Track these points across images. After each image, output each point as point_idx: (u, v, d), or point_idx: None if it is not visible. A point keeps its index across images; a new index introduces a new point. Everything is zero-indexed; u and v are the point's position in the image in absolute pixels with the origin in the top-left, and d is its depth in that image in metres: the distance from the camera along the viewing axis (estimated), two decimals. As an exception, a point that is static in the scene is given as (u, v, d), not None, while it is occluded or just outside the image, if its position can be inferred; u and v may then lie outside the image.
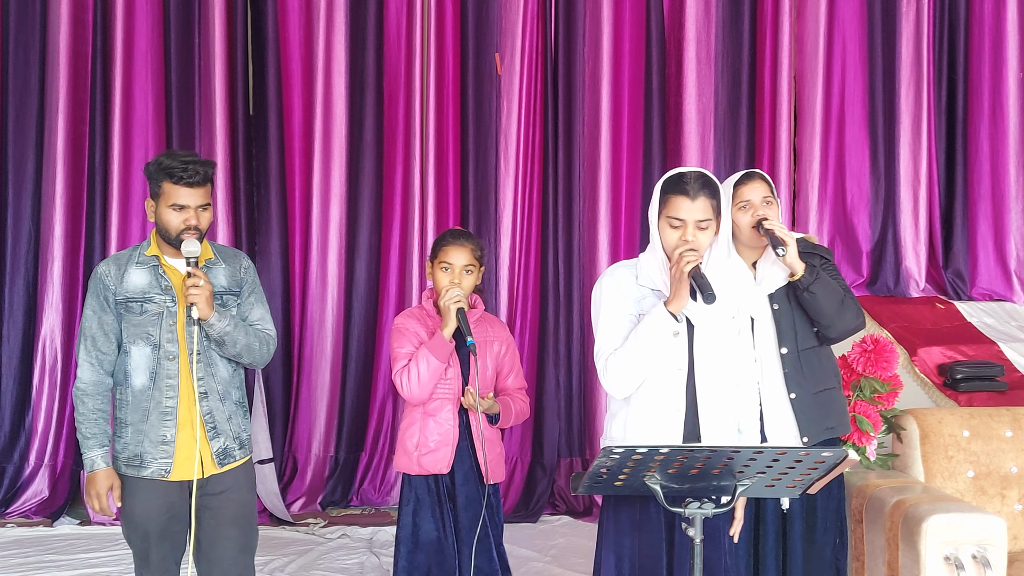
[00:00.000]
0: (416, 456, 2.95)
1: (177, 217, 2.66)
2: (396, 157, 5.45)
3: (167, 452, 2.68)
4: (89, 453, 2.72)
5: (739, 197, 2.87)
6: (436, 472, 2.94)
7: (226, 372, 2.77)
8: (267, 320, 2.87)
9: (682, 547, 2.44)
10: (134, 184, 5.29)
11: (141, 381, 2.70)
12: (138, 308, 2.69)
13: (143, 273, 2.72)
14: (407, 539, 2.97)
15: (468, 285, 2.96)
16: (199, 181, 2.65)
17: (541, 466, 5.33)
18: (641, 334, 2.41)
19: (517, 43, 5.45)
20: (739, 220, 2.86)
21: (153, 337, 2.69)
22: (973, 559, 2.78)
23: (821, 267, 2.89)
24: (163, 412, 2.68)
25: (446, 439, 2.95)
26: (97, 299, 2.72)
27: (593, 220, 5.49)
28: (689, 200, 2.40)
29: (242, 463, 2.81)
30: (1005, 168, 5.60)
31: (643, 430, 2.46)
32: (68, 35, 5.25)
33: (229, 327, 2.68)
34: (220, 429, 2.73)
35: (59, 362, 5.24)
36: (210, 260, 2.78)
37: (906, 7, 5.59)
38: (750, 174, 2.92)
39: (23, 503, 5.07)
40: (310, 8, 5.41)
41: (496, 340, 3.07)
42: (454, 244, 2.98)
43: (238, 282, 2.82)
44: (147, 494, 2.70)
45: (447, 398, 2.96)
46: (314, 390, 5.34)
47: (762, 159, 5.56)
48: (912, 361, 4.73)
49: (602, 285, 2.57)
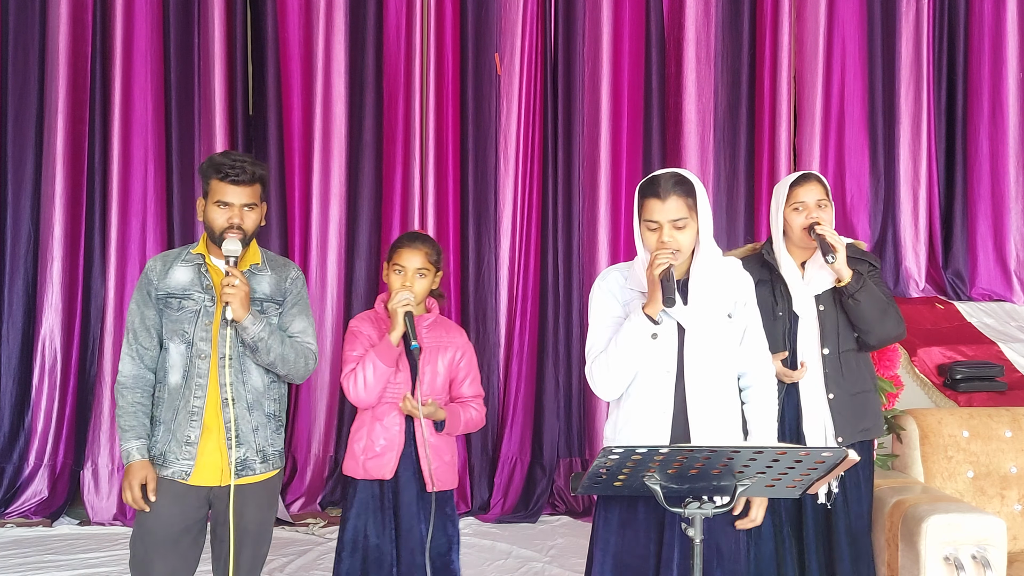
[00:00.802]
0: (362, 460, 2.90)
1: (222, 215, 2.65)
2: (396, 157, 5.45)
3: (190, 453, 2.64)
4: (125, 444, 2.67)
5: (793, 198, 2.93)
6: (380, 477, 2.89)
7: (260, 382, 2.72)
8: (309, 334, 2.81)
9: (670, 546, 2.45)
10: (133, 184, 5.29)
11: (175, 379, 2.67)
12: (177, 304, 2.67)
13: (187, 270, 2.71)
14: (349, 543, 2.91)
15: (420, 289, 2.91)
16: (246, 180, 2.65)
17: (540, 466, 5.33)
18: (620, 337, 2.43)
19: (517, 43, 5.45)
20: (792, 221, 2.93)
21: (188, 335, 2.66)
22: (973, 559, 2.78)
23: (868, 275, 2.95)
24: (191, 412, 2.65)
25: (392, 444, 2.89)
26: (141, 293, 2.72)
27: (593, 220, 5.50)
28: (660, 201, 2.41)
29: (263, 478, 2.74)
30: (1005, 168, 5.61)
31: (631, 432, 2.48)
32: (67, 35, 5.25)
33: (264, 333, 2.63)
34: (243, 439, 2.67)
35: (58, 362, 5.23)
36: (256, 265, 2.75)
37: (906, 7, 5.59)
38: (807, 175, 2.97)
39: (22, 503, 5.06)
40: (310, 8, 5.41)
41: (451, 346, 3.01)
42: (408, 247, 2.94)
43: (282, 291, 2.78)
44: (165, 496, 2.65)
45: (394, 402, 2.90)
46: (313, 390, 5.34)
47: (762, 159, 5.56)
48: (912, 361, 4.73)
49: (594, 289, 2.61)
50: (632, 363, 2.44)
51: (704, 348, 2.48)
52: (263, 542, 2.83)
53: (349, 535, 2.92)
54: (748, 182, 5.57)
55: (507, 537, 4.82)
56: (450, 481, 2.98)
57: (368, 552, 2.89)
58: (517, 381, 5.38)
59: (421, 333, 2.92)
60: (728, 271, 2.56)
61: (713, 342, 2.49)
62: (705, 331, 2.48)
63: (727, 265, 2.58)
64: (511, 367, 5.39)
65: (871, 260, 3.05)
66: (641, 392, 2.49)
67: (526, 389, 5.40)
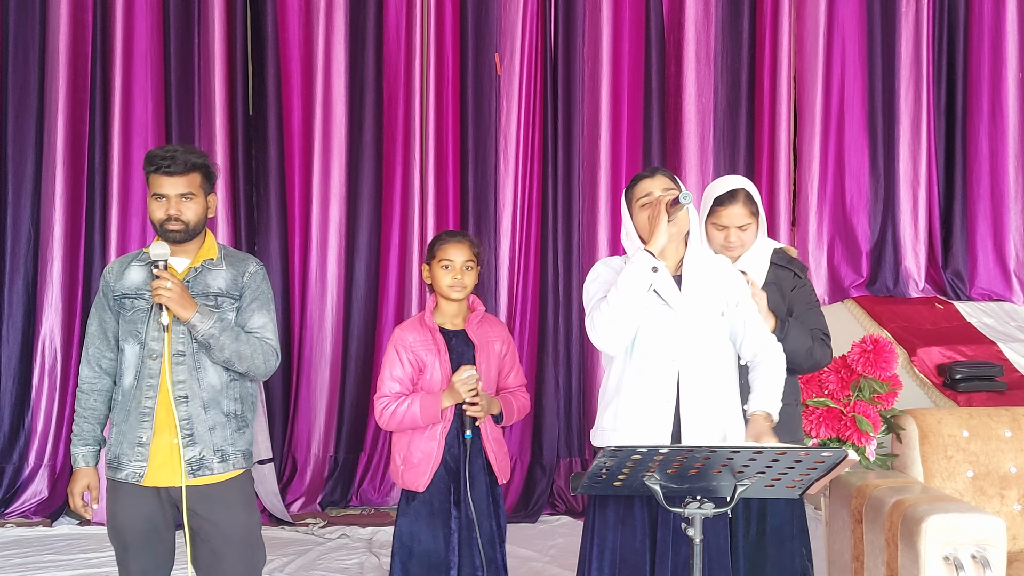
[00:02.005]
0: (402, 470, 2.93)
1: (159, 207, 2.61)
2: (396, 157, 5.45)
3: (142, 455, 2.59)
4: (72, 450, 2.71)
5: (715, 217, 2.87)
6: (414, 489, 2.90)
7: (217, 380, 2.64)
8: (269, 330, 2.72)
9: (664, 544, 2.47)
10: (134, 184, 5.29)
11: (128, 380, 2.64)
12: (130, 305, 2.65)
13: (140, 270, 2.68)
14: (402, 547, 2.94)
15: (469, 282, 2.97)
16: (179, 170, 2.59)
17: (540, 466, 5.34)
18: (622, 278, 2.44)
19: (517, 43, 5.46)
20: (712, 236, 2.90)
21: (140, 334, 2.63)
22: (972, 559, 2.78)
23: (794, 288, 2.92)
24: (141, 413, 2.60)
25: (428, 457, 2.90)
26: (99, 297, 2.72)
27: (592, 220, 5.50)
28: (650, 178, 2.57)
29: (225, 478, 2.64)
30: (1004, 168, 5.61)
31: (633, 420, 2.49)
32: (68, 35, 5.26)
33: (214, 330, 2.57)
34: (198, 438, 2.60)
35: (58, 362, 5.23)
36: (210, 260, 2.70)
37: (905, 7, 5.60)
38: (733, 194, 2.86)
39: (22, 503, 5.07)
40: (309, 8, 5.41)
41: (497, 340, 3.07)
42: (453, 241, 2.99)
43: (239, 286, 2.71)
44: (126, 500, 2.62)
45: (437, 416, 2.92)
46: (313, 390, 5.34)
47: (761, 159, 5.56)
48: (911, 361, 4.73)
49: (596, 266, 2.68)
50: (633, 305, 2.43)
51: (698, 340, 2.50)
52: (254, 549, 2.74)
53: (405, 540, 2.94)
54: (748, 182, 5.56)
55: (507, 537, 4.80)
56: (507, 473, 3.04)
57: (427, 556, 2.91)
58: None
59: (472, 330, 2.98)
60: (720, 269, 2.60)
61: (706, 335, 2.52)
62: (699, 323, 2.51)
63: (719, 263, 2.62)
64: (511, 367, 5.39)
65: (796, 269, 2.98)
66: (644, 380, 2.50)
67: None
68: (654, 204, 2.48)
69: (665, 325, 2.50)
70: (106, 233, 5.25)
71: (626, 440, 2.45)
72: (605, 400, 2.60)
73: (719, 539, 2.52)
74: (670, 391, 2.48)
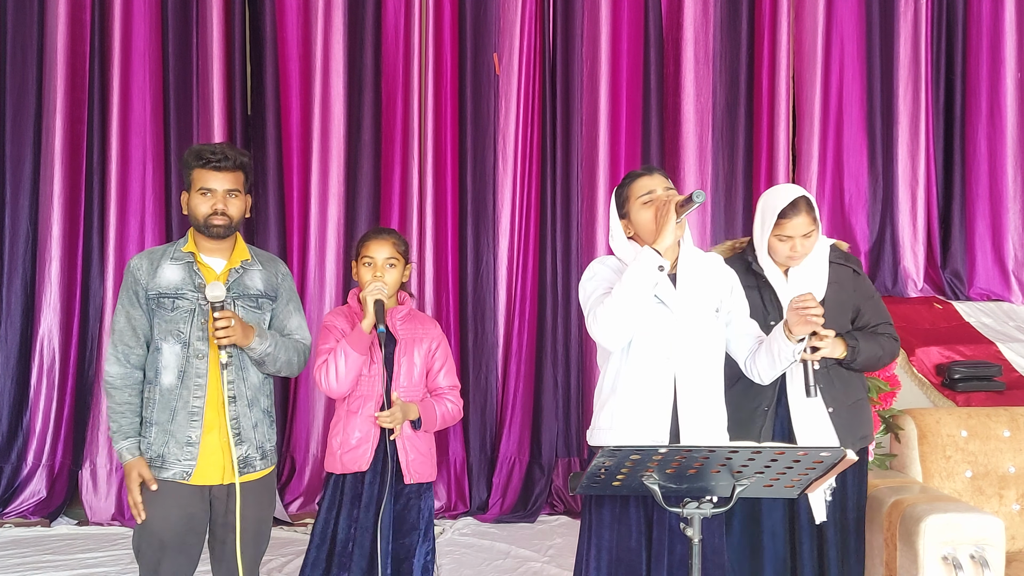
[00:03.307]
0: (339, 454, 2.92)
1: (205, 202, 2.64)
2: (394, 157, 5.45)
3: (191, 454, 2.61)
4: (117, 445, 2.66)
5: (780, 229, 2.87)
6: (356, 469, 2.91)
7: (257, 378, 2.72)
8: (304, 328, 2.85)
9: (660, 544, 2.47)
10: (132, 184, 5.29)
11: (169, 380, 2.63)
12: (170, 304, 2.64)
13: (177, 269, 2.67)
14: (320, 537, 2.94)
15: (391, 279, 2.96)
16: (229, 166, 2.64)
17: (539, 466, 5.33)
18: (627, 275, 2.44)
19: (515, 43, 5.46)
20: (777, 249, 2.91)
21: (184, 335, 2.63)
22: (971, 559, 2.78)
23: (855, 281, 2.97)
24: (191, 412, 2.62)
25: (366, 436, 2.91)
26: (127, 293, 2.68)
27: (591, 220, 5.50)
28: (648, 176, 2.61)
29: (262, 475, 2.74)
30: (1003, 168, 5.61)
31: (630, 420, 2.49)
32: (66, 35, 5.25)
33: (270, 348, 2.66)
34: (245, 436, 2.67)
35: (57, 362, 5.23)
36: (247, 262, 2.75)
37: (904, 7, 5.59)
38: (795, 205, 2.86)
39: (21, 503, 5.06)
40: (308, 8, 5.41)
41: (426, 337, 3.05)
42: (375, 239, 3.00)
43: (274, 287, 2.79)
44: (167, 500, 2.62)
45: (368, 396, 2.93)
46: (311, 390, 5.34)
47: (760, 159, 5.56)
48: (910, 361, 4.73)
49: (593, 264, 2.68)
50: (638, 301, 2.42)
51: (693, 338, 2.51)
52: (262, 540, 2.82)
53: (319, 528, 2.95)
54: (746, 182, 5.57)
55: (505, 537, 4.82)
56: (427, 473, 3.00)
57: (335, 545, 2.91)
58: (516, 381, 5.38)
59: (395, 325, 2.98)
60: (713, 267, 2.62)
61: (702, 332, 2.53)
62: (694, 321, 2.52)
63: (711, 261, 2.64)
64: (510, 367, 5.39)
65: (854, 265, 3.03)
66: (641, 378, 2.50)
67: (524, 389, 5.40)
68: (659, 202, 2.49)
69: (661, 323, 2.50)
70: (104, 233, 5.24)
71: (623, 439, 2.45)
72: (601, 400, 2.59)
73: (714, 538, 2.52)
74: (667, 389, 2.48)
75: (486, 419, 5.35)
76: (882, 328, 2.98)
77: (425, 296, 5.37)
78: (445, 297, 5.42)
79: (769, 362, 2.54)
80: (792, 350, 2.48)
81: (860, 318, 2.99)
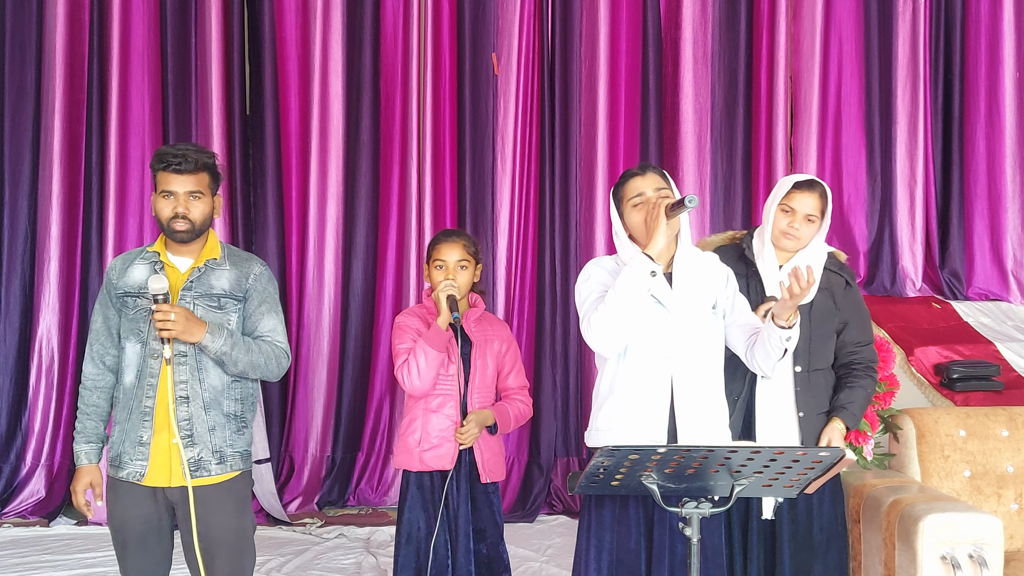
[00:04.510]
0: (418, 452, 2.97)
1: (167, 205, 2.60)
2: (393, 157, 5.45)
3: (143, 454, 2.58)
4: (75, 448, 2.71)
5: (788, 200, 2.90)
6: (439, 468, 2.97)
7: (219, 381, 2.63)
8: (279, 332, 2.72)
9: (660, 544, 2.47)
10: (130, 184, 5.29)
11: (130, 379, 2.63)
12: (132, 303, 2.63)
13: (143, 269, 2.66)
14: (407, 536, 2.99)
15: (463, 281, 3.01)
16: (189, 168, 2.59)
17: (538, 466, 5.34)
18: (619, 280, 2.43)
19: (514, 43, 5.46)
20: (777, 220, 2.91)
21: (142, 334, 2.61)
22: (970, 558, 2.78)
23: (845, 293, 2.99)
24: (143, 412, 2.59)
25: (448, 435, 2.97)
26: (103, 294, 2.71)
27: (590, 220, 5.50)
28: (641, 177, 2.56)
29: (221, 480, 2.63)
30: (1001, 168, 5.61)
31: (628, 419, 2.49)
32: (64, 35, 5.25)
33: (226, 347, 2.57)
34: (198, 439, 2.59)
35: (55, 362, 5.23)
36: (214, 260, 2.68)
37: (902, 7, 5.60)
38: (813, 183, 2.91)
39: (19, 503, 5.06)
40: (307, 7, 5.41)
41: (497, 339, 3.10)
42: (446, 241, 3.05)
43: (243, 288, 2.70)
44: (126, 499, 2.62)
45: (449, 394, 2.99)
46: (311, 390, 5.34)
47: (759, 159, 5.56)
48: (909, 361, 4.73)
49: (588, 266, 2.67)
50: (631, 307, 2.41)
51: (690, 337, 2.51)
52: (243, 553, 2.71)
53: (407, 528, 2.99)
54: (745, 182, 5.57)
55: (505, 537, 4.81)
56: (499, 472, 3.07)
57: (421, 543, 2.96)
58: (514, 381, 5.38)
59: (470, 328, 3.03)
60: (709, 266, 2.62)
61: (698, 331, 2.53)
62: (691, 319, 2.51)
63: (707, 259, 2.63)
64: (508, 367, 5.39)
65: (847, 276, 3.04)
66: (638, 378, 2.50)
67: (523, 389, 5.40)
68: (649, 205, 2.48)
69: (657, 323, 2.50)
70: (103, 233, 5.25)
71: (621, 439, 2.45)
72: (599, 400, 2.59)
73: (714, 538, 2.52)
74: (664, 389, 2.48)
75: (485, 419, 5.35)
76: (859, 357, 2.98)
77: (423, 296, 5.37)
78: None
79: (764, 353, 2.53)
80: (779, 335, 2.46)
81: (845, 332, 2.99)
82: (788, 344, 2.47)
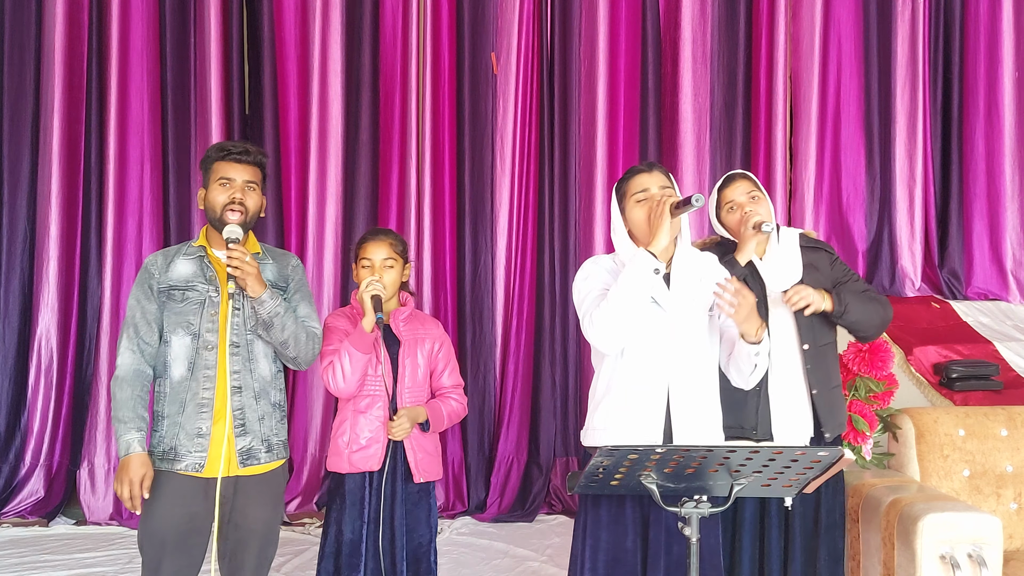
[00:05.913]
0: (347, 454, 2.93)
1: (224, 192, 2.70)
2: (392, 156, 5.45)
3: (202, 445, 2.62)
4: (125, 436, 2.59)
5: (723, 200, 2.94)
6: (367, 469, 2.92)
7: (268, 371, 2.72)
8: (313, 319, 2.82)
9: (656, 544, 2.48)
10: (130, 183, 5.29)
11: (180, 371, 2.65)
12: (180, 296, 2.67)
13: (189, 263, 2.72)
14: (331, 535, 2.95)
15: (389, 280, 2.99)
16: (248, 160, 2.74)
17: (537, 465, 5.34)
18: (622, 277, 2.44)
19: (513, 42, 5.46)
20: (728, 221, 2.94)
21: (193, 326, 2.65)
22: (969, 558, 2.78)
23: (832, 264, 2.96)
24: (199, 404, 2.63)
25: (377, 436, 2.93)
26: (142, 288, 2.71)
27: (589, 219, 5.50)
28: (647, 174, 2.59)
29: (268, 469, 2.72)
30: (1000, 167, 5.61)
31: (624, 419, 2.49)
32: (64, 34, 5.25)
33: (280, 308, 2.65)
34: (249, 428, 2.67)
35: (55, 362, 5.22)
36: (257, 255, 2.79)
37: (902, 7, 5.60)
38: (731, 176, 2.97)
39: (19, 503, 5.06)
40: (306, 7, 5.41)
41: (428, 338, 3.07)
42: (372, 240, 3.04)
43: (285, 278, 2.83)
44: (174, 497, 2.61)
45: (376, 395, 2.95)
46: (309, 390, 5.34)
47: (758, 158, 5.56)
48: (908, 360, 4.73)
49: (586, 265, 2.67)
50: (635, 306, 2.42)
51: (687, 338, 2.51)
52: (269, 544, 2.78)
53: (331, 528, 2.95)
54: (744, 181, 5.57)
55: (504, 536, 4.82)
56: (435, 472, 3.03)
57: (341, 547, 2.91)
58: (514, 380, 5.38)
59: (398, 327, 3.00)
60: (707, 267, 2.62)
61: (695, 332, 2.53)
62: (688, 320, 2.52)
63: (706, 260, 2.63)
64: (507, 366, 5.40)
65: (827, 248, 3.04)
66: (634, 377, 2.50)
67: (522, 388, 5.40)
68: (653, 203, 2.48)
69: (655, 323, 2.50)
70: (102, 232, 5.25)
71: (617, 439, 2.45)
72: (596, 400, 2.59)
73: (711, 538, 2.52)
74: (660, 389, 2.48)
75: (484, 419, 5.35)
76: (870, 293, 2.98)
77: (423, 296, 5.37)
78: (443, 297, 5.42)
79: (736, 368, 2.55)
80: (747, 351, 2.47)
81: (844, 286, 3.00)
82: (758, 359, 2.48)
